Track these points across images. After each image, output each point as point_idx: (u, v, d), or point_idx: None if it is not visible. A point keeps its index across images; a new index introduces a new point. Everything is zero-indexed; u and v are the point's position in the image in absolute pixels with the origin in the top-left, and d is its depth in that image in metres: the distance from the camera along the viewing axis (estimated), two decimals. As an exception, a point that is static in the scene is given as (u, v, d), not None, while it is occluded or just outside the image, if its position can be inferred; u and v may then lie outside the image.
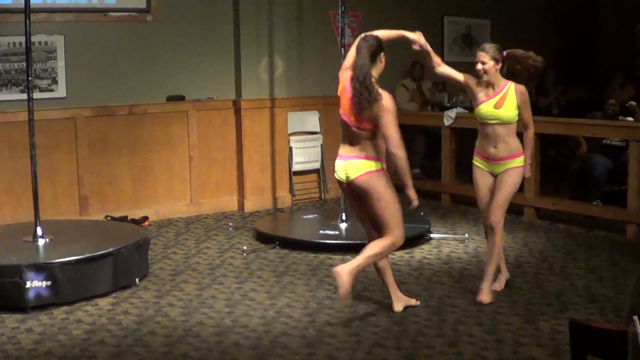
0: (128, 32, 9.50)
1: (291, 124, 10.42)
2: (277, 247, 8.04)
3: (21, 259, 6.36)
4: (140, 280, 6.93)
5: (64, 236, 7.26)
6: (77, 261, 6.37)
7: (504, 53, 6.36)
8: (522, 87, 6.33)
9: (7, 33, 8.83)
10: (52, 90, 9.10)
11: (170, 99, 9.80)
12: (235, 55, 10.09)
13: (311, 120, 10.71)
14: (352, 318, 5.92)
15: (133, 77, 9.46)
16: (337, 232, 8.21)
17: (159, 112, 9.62)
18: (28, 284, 6.15)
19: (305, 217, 9.33)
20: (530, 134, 6.40)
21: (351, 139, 5.91)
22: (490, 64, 6.29)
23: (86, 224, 8.09)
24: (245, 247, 8.04)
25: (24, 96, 7.29)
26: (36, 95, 7.63)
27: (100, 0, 9.37)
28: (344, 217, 8.39)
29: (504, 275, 6.69)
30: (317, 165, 10.78)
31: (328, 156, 10.66)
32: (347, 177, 5.83)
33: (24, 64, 8.12)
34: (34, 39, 7.64)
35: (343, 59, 8.27)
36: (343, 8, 8.46)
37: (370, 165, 5.77)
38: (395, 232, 5.77)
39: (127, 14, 9.54)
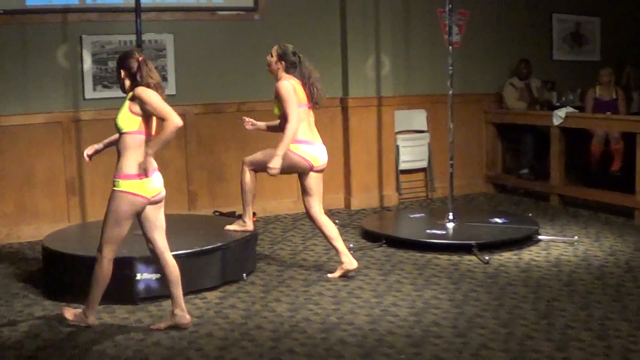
0: (236, 30, 9.59)
1: (398, 122, 10.40)
2: (384, 245, 8.03)
3: (132, 251, 6.47)
4: (247, 275, 7.00)
5: (173, 230, 7.36)
6: (186, 255, 6.47)
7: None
8: (278, 84, 6.94)
9: (118, 31, 9.02)
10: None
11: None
12: (342, 53, 10.10)
13: (418, 118, 10.67)
14: (459, 319, 5.86)
15: (241, 75, 9.55)
16: (444, 232, 8.15)
17: (267, 110, 9.64)
18: (138, 276, 6.29)
19: (412, 216, 9.29)
20: (287, 126, 6.90)
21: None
22: (273, 60, 6.99)
23: (195, 218, 8.19)
24: (351, 245, 8.03)
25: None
26: (146, 92, 7.75)
27: (209, 0, 9.49)
28: (451, 217, 8.33)
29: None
30: (424, 164, 10.74)
31: (435, 155, 10.63)
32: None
33: (135, 61, 8.25)
34: (144, 37, 7.77)
35: (450, 57, 8.28)
36: (451, 6, 8.38)
37: None
38: None
39: (235, 12, 9.64)
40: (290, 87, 6.90)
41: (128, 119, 5.46)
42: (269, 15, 9.77)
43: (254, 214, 9.18)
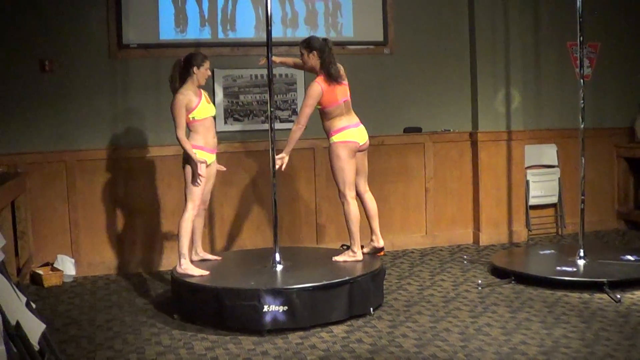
0: (365, 64, 9.66)
1: (528, 157, 10.28)
2: (513, 282, 7.92)
3: (259, 283, 6.58)
4: (374, 309, 7.00)
5: (301, 263, 7.46)
6: (313, 288, 6.52)
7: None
8: (310, 85, 7.42)
9: (249, 66, 9.19)
10: (292, 121, 9.34)
11: (407, 130, 9.88)
12: (472, 87, 10.06)
13: (549, 153, 10.52)
14: (589, 358, 5.73)
15: (370, 108, 9.58)
16: (574, 269, 7.99)
17: (396, 144, 9.72)
18: (265, 308, 6.36)
19: (541, 252, 9.12)
20: (294, 128, 7.49)
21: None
22: (305, 56, 7.51)
23: (323, 252, 8.23)
24: (480, 281, 7.97)
25: (265, 126, 7.56)
26: (277, 125, 7.87)
27: (339, 34, 9.58)
28: (581, 254, 8.16)
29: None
30: (554, 199, 10.56)
31: (565, 190, 10.45)
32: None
33: (266, 95, 8.42)
34: (274, 71, 7.90)
35: (582, 91, 8.15)
36: (582, 39, 8.26)
37: None
38: None
39: (364, 47, 9.72)
40: (319, 91, 7.39)
41: None
42: (399, 49, 9.82)
43: (383, 249, 9.21)
